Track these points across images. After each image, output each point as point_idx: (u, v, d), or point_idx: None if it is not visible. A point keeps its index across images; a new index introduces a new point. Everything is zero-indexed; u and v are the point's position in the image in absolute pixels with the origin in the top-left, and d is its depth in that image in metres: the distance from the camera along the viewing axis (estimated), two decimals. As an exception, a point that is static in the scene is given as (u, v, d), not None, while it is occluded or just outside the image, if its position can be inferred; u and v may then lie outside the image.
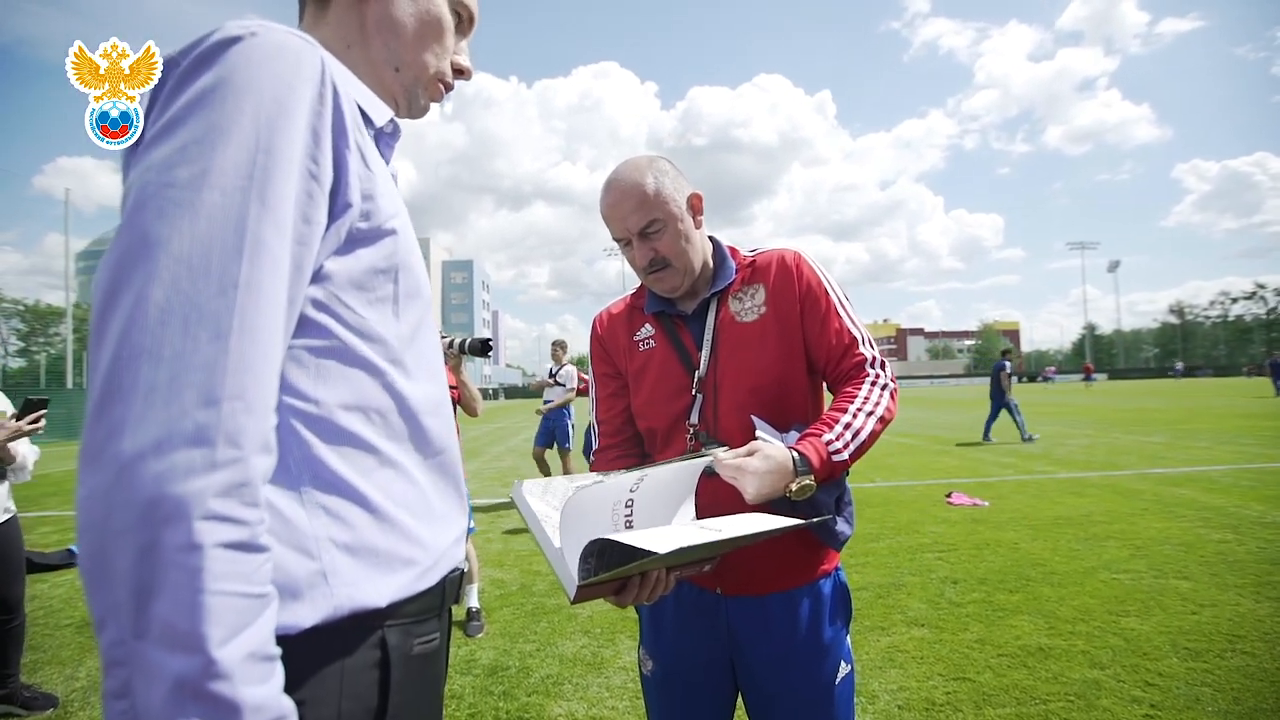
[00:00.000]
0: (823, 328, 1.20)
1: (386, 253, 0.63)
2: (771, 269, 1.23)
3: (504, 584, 4.20)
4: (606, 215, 1.21)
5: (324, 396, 0.58)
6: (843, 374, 1.20)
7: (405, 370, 0.65)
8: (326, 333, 0.59)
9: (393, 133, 0.73)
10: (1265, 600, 3.41)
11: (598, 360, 1.37)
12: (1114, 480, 7.04)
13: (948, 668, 2.77)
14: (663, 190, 1.17)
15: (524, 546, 5.09)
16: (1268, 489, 6.23)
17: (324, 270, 0.58)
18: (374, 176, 0.62)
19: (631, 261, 1.23)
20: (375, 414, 0.62)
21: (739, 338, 1.20)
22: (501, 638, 3.30)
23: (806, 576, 1.20)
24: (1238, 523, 5.01)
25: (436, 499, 0.69)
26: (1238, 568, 3.95)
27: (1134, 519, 5.24)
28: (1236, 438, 10.44)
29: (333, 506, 0.58)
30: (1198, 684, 2.57)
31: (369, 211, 0.61)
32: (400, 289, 0.65)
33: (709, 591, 1.20)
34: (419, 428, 0.67)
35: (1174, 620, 3.19)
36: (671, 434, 1.23)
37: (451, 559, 0.70)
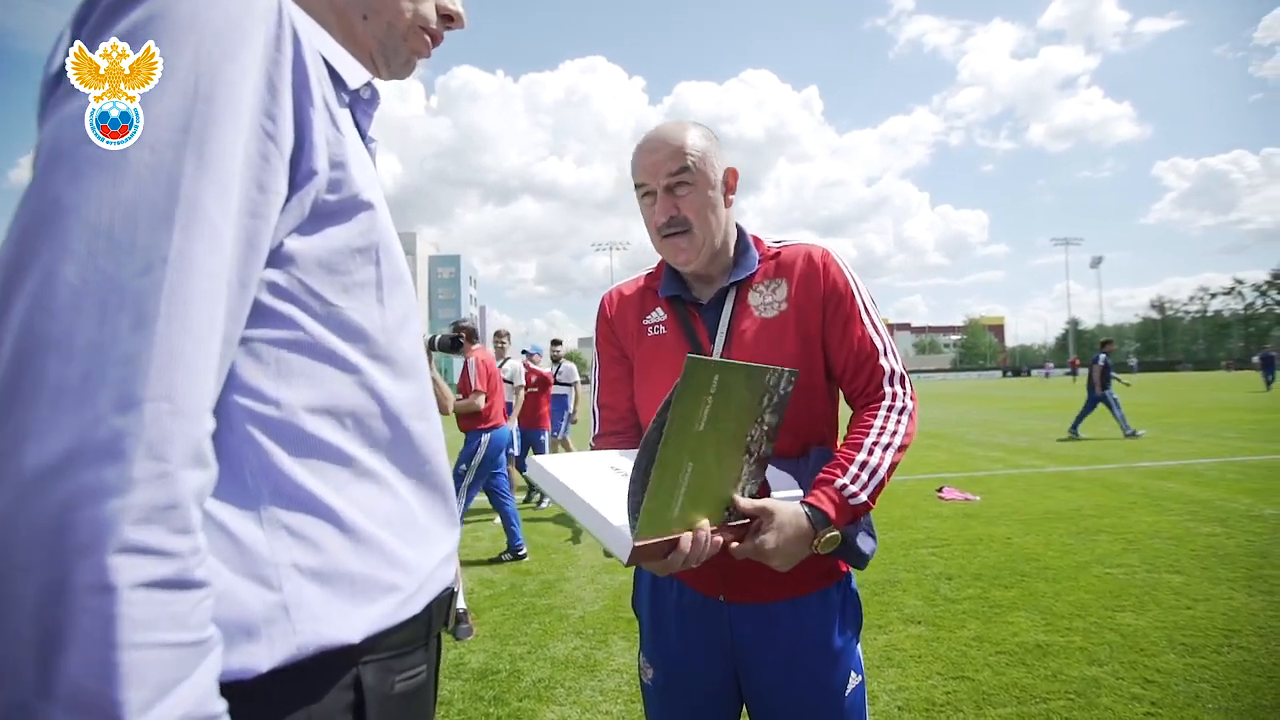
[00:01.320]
0: (845, 332, 1.13)
1: (362, 229, 0.54)
2: (797, 265, 1.16)
3: (493, 584, 4.12)
4: (636, 161, 1.14)
5: (287, 398, 0.50)
6: (860, 387, 1.13)
7: (387, 367, 0.57)
8: (290, 323, 0.50)
9: (370, 99, 0.63)
10: (1257, 594, 3.41)
11: (604, 341, 1.30)
12: (1102, 474, 7.08)
13: (946, 666, 2.73)
14: (701, 149, 1.12)
15: (513, 545, 5.01)
16: (1252, 482, 6.29)
17: (285, 250, 0.50)
18: (344, 141, 0.54)
19: (648, 221, 1.16)
20: (350, 418, 0.54)
21: (757, 333, 1.13)
22: (491, 640, 3.22)
23: (814, 584, 1.13)
24: (1225, 516, 5.03)
25: (423, 513, 0.60)
26: (1228, 561, 3.96)
27: (1124, 513, 5.25)
28: (1219, 431, 10.57)
29: (298, 526, 0.50)
30: (1196, 680, 2.55)
31: (339, 181, 0.52)
32: (383, 273, 0.57)
33: (711, 598, 1.14)
34: (402, 433, 0.58)
35: (1169, 615, 3.18)
36: None
37: (440, 580, 0.61)
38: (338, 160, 0.52)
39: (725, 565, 1.06)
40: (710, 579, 1.12)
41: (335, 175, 0.52)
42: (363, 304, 0.55)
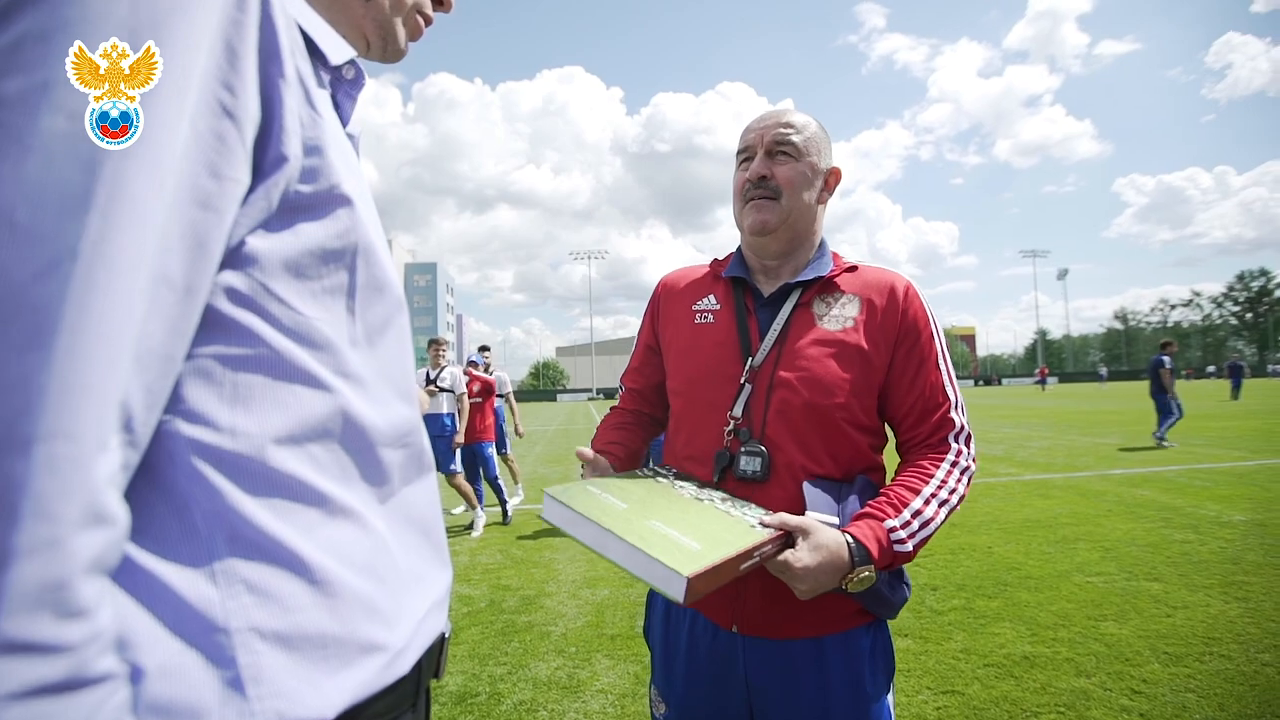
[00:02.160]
0: (917, 375, 1.06)
1: (340, 228, 0.47)
2: (875, 288, 1.09)
3: (471, 600, 4.00)
4: (746, 129, 1.14)
5: (246, 426, 0.42)
6: (923, 437, 1.06)
7: (364, 388, 0.50)
8: (250, 337, 0.43)
9: (354, 79, 0.56)
10: (1233, 601, 3.46)
11: (646, 325, 1.27)
12: (1076, 482, 7.19)
13: (936, 680, 2.70)
14: (813, 132, 1.12)
15: (491, 560, 4.89)
16: (1220, 488, 6.43)
17: (246, 249, 0.42)
18: (322, 124, 0.47)
19: (737, 189, 1.13)
20: (321, 447, 0.46)
21: (813, 342, 1.05)
22: (469, 660, 3.11)
23: (840, 623, 1.02)
24: (1197, 522, 5.12)
25: (409, 555, 0.52)
26: (1203, 568, 4.01)
27: (1100, 520, 5.32)
28: (1186, 438, 10.83)
29: (260, 581, 0.42)
30: (1182, 690, 2.55)
31: (315, 170, 0.45)
32: (358, 279, 0.50)
33: (724, 630, 1.05)
34: (379, 464, 0.51)
35: (1150, 624, 3.20)
36: (706, 423, 1.08)
37: (430, 631, 0.53)
38: (314, 145, 0.45)
39: (738, 593, 1.00)
40: (722, 607, 1.04)
41: (310, 163, 0.45)
42: (332, 314, 0.48)
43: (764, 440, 1.03)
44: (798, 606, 0.98)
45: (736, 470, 1.02)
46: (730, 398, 1.06)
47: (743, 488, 1.02)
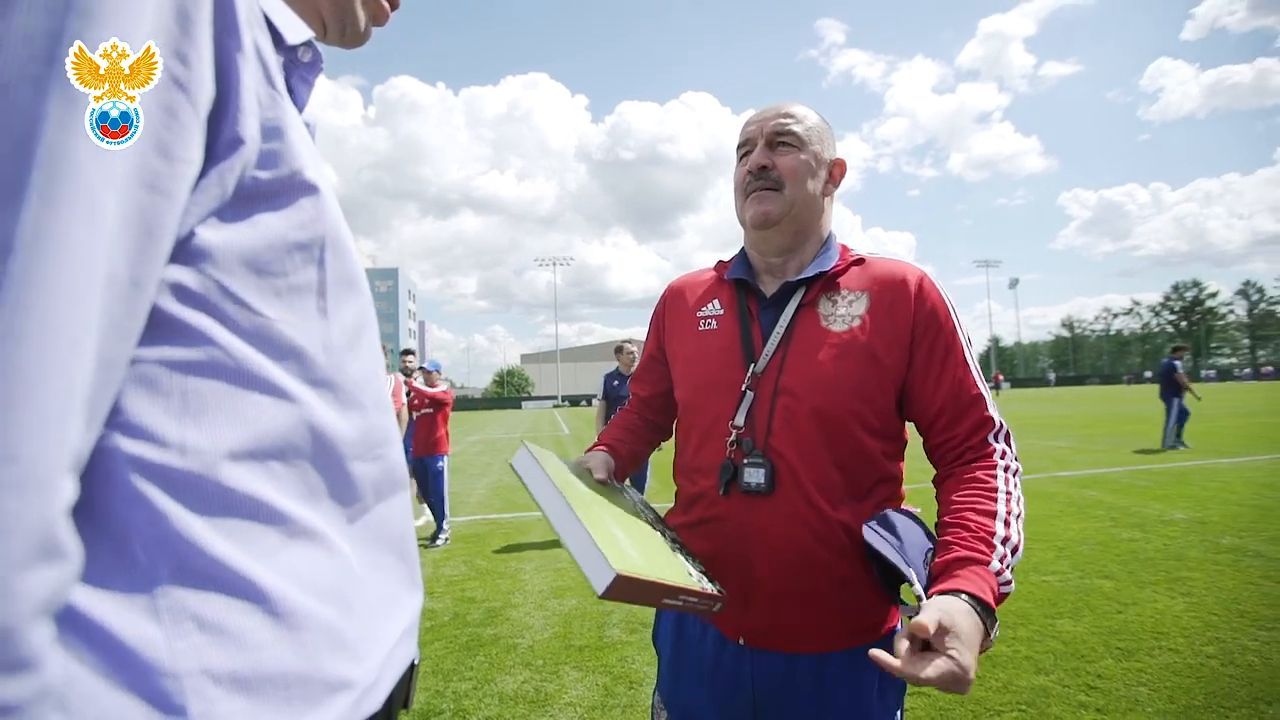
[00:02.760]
0: (944, 370, 0.97)
1: (304, 218, 0.43)
2: (885, 282, 1.02)
3: (434, 614, 3.89)
4: (747, 120, 1.10)
5: (196, 440, 0.38)
6: (961, 438, 0.97)
7: (331, 395, 0.45)
8: (202, 339, 0.39)
9: (311, 63, 0.52)
10: (1178, 596, 3.60)
11: (653, 332, 1.25)
12: (1030, 484, 7.42)
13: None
14: (814, 123, 1.07)
15: (455, 571, 4.77)
16: (1161, 488, 6.73)
17: (197, 242, 0.38)
18: (282, 104, 0.43)
19: (738, 183, 1.09)
20: (283, 463, 0.42)
21: (819, 344, 0.99)
22: (433, 676, 3.01)
23: (851, 639, 0.97)
24: (1142, 521, 5.34)
25: (380, 577, 0.48)
26: (1149, 565, 4.18)
27: (1052, 521, 5.49)
28: (1128, 441, 11.32)
29: (212, 615, 0.37)
30: (1135, 684, 2.63)
31: (275, 154, 0.41)
32: (329, 274, 0.45)
33: (731, 641, 1.01)
34: (351, 479, 0.47)
35: (1103, 620, 3.30)
36: (712, 432, 1.04)
37: (401, 660, 0.50)
38: (274, 127, 0.41)
39: (745, 606, 0.98)
40: (729, 619, 1.00)
41: (271, 146, 0.41)
42: (300, 315, 0.44)
43: (768, 450, 0.98)
44: (803, 622, 0.96)
45: (741, 483, 0.98)
46: (731, 406, 1.02)
47: (748, 502, 0.98)
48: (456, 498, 8.13)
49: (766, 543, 0.96)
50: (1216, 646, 2.93)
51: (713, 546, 1.00)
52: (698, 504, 1.05)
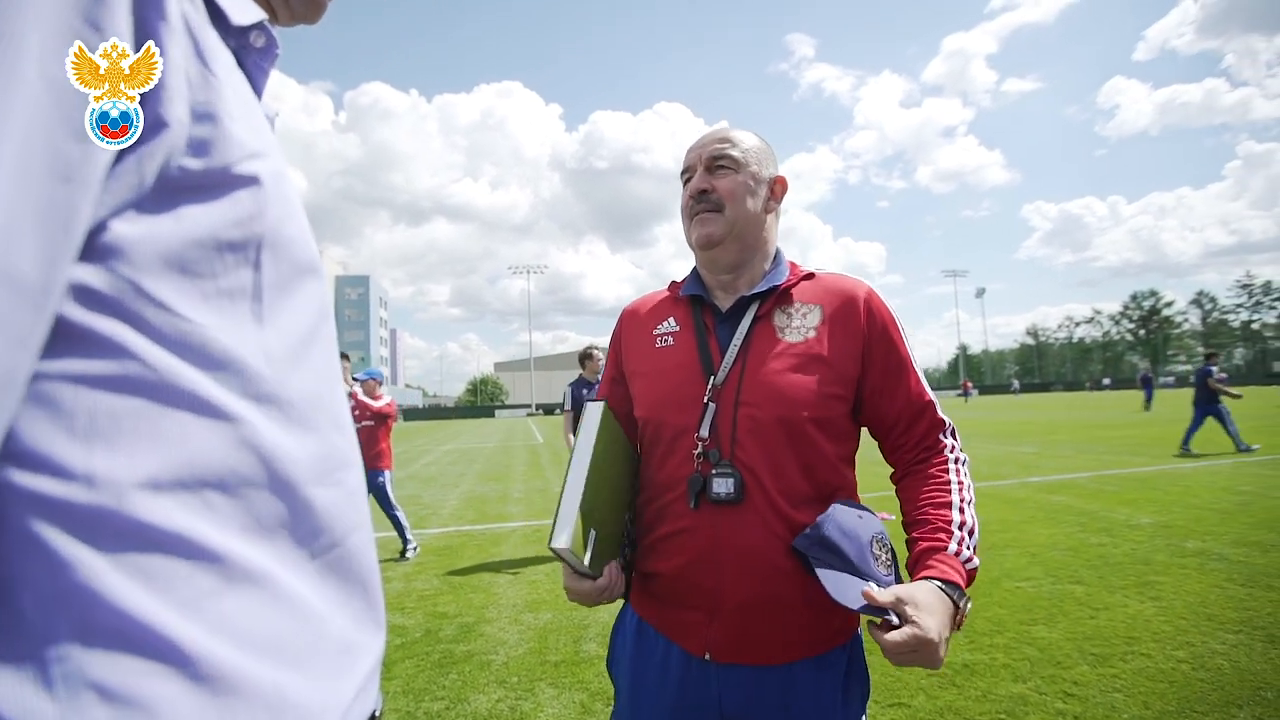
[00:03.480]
0: (899, 382, 1.06)
1: (240, 214, 0.38)
2: (835, 295, 1.08)
3: (405, 630, 3.77)
4: (689, 147, 1.15)
5: (108, 469, 0.32)
6: (917, 439, 1.07)
7: (281, 412, 0.40)
8: (113, 349, 0.33)
9: (265, 48, 0.47)
10: (1147, 600, 3.66)
11: (611, 359, 1.26)
12: (1000, 490, 7.54)
13: (882, 694, 2.71)
14: (751, 145, 1.13)
15: (426, 586, 4.64)
16: (1127, 493, 6.89)
17: (109, 237, 0.33)
18: (217, 85, 0.38)
19: (683, 208, 1.13)
20: (221, 492, 0.36)
21: (776, 355, 1.04)
22: (404, 697, 2.90)
23: (816, 646, 1.00)
24: (1109, 526, 5.45)
25: (337, 618, 0.42)
26: (1118, 569, 4.25)
27: (1023, 527, 5.57)
28: (1093, 446, 11.62)
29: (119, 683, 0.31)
30: (1110, 690, 2.65)
31: (206, 141, 0.37)
32: (265, 278, 0.40)
33: (696, 658, 1.01)
34: (302, 506, 0.41)
35: (1076, 626, 3.33)
36: (675, 446, 1.06)
37: (361, 714, 0.43)
38: (205, 111, 0.36)
39: (710, 619, 1.00)
40: (694, 635, 1.01)
41: (200, 132, 0.36)
42: (230, 321, 0.38)
43: (734, 460, 1.00)
44: (770, 632, 0.98)
45: (710, 494, 0.99)
46: (696, 419, 1.04)
47: (718, 512, 0.99)
48: (429, 509, 7.96)
49: (736, 552, 0.98)
50: (1187, 651, 2.97)
51: (683, 560, 1.01)
52: (664, 519, 1.06)
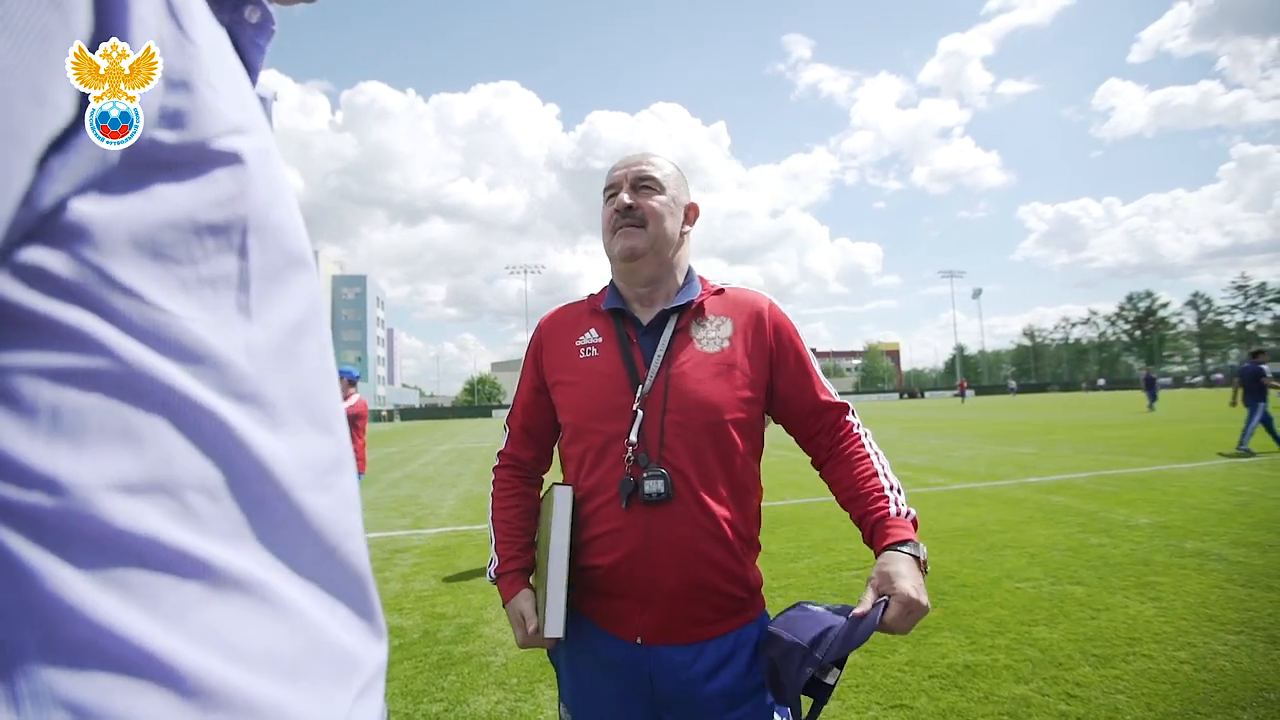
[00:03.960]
0: (803, 384, 1.21)
1: (220, 194, 0.35)
2: (743, 308, 1.22)
3: (403, 631, 3.74)
4: (613, 167, 1.25)
5: (74, 471, 0.29)
6: (824, 427, 1.23)
7: (265, 412, 0.37)
8: (79, 341, 0.30)
9: (260, 24, 0.44)
10: (1148, 601, 3.66)
11: (530, 365, 1.30)
12: (999, 490, 7.54)
13: (884, 695, 2.70)
14: (671, 171, 1.24)
15: (425, 586, 4.62)
16: (1126, 493, 6.89)
17: (71, 217, 0.30)
18: (194, 51, 0.34)
19: (605, 221, 1.22)
20: (204, 495, 0.33)
21: (697, 364, 1.15)
22: (402, 698, 2.88)
23: (733, 623, 1.14)
24: (1109, 526, 5.44)
25: (333, 627, 0.40)
26: (1118, 570, 4.24)
27: (1022, 527, 5.57)
28: (1091, 447, 11.63)
29: (94, 702, 0.28)
30: (1113, 691, 2.64)
31: (181, 113, 0.33)
32: (252, 264, 0.37)
33: (627, 642, 1.12)
34: (293, 512, 0.38)
35: (1078, 627, 3.33)
36: (606, 451, 1.14)
37: None
38: (179, 79, 0.33)
39: (643, 608, 1.11)
40: (627, 622, 1.12)
41: (174, 102, 0.33)
42: (212, 312, 0.35)
43: (662, 463, 1.10)
44: (695, 614, 1.11)
45: (642, 495, 1.09)
46: (625, 426, 1.13)
47: (649, 511, 1.09)
48: (426, 509, 7.93)
49: (667, 546, 1.08)
50: (1188, 652, 2.97)
51: (617, 555, 1.11)
52: (598, 519, 1.14)
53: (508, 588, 1.21)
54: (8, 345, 0.28)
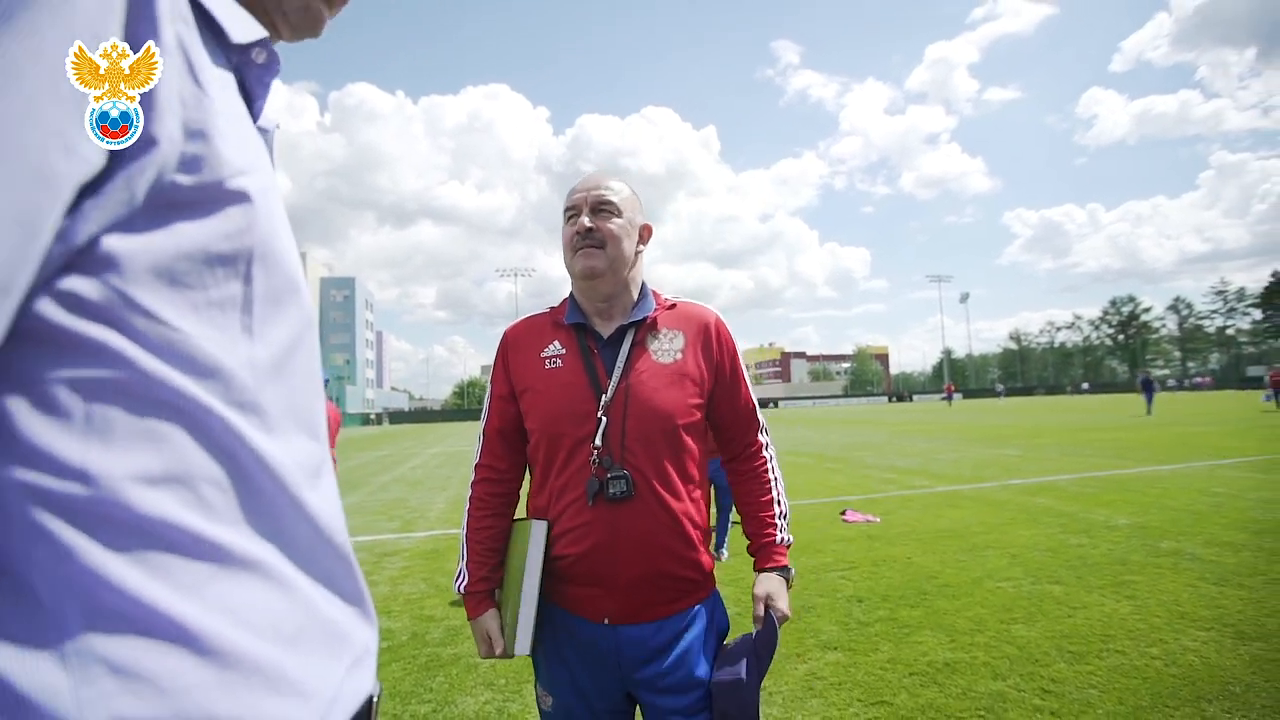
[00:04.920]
0: (734, 393, 1.35)
1: (229, 229, 0.41)
2: (693, 322, 1.33)
3: (392, 634, 3.76)
4: (573, 188, 1.32)
5: (104, 465, 0.35)
6: (740, 435, 1.39)
7: (261, 419, 0.43)
8: (108, 356, 0.36)
9: (266, 64, 0.50)
10: (1123, 599, 3.74)
11: (498, 376, 1.37)
12: (983, 492, 7.65)
13: (865, 692, 2.76)
14: (627, 195, 1.32)
15: (413, 589, 4.63)
16: (1107, 495, 7.02)
17: (102, 250, 0.35)
18: (209, 104, 0.40)
19: (566, 240, 1.30)
20: (215, 487, 0.39)
21: (654, 375, 1.26)
22: (391, 699, 2.90)
23: (687, 603, 1.27)
24: (1088, 527, 5.55)
25: (324, 606, 0.46)
26: (1096, 569, 4.34)
27: (1005, 528, 5.66)
28: (1076, 449, 11.80)
29: (126, 658, 0.34)
30: (1086, 687, 2.71)
31: (197, 158, 0.39)
32: (256, 289, 0.43)
33: (596, 623, 1.24)
34: (289, 503, 0.44)
35: (1055, 625, 3.41)
36: (574, 454, 1.24)
37: (354, 694, 0.47)
38: (197, 129, 0.39)
39: (608, 593, 1.23)
40: (596, 607, 1.24)
41: (192, 149, 0.38)
42: (220, 331, 0.41)
43: (625, 464, 1.21)
44: (654, 597, 1.23)
45: (607, 494, 1.19)
46: (589, 431, 1.23)
47: (613, 508, 1.20)
48: (415, 512, 7.93)
49: (629, 538, 1.20)
50: (1160, 648, 3.05)
51: (585, 547, 1.21)
52: (566, 515, 1.24)
53: (474, 606, 1.31)
54: (48, 359, 0.34)
